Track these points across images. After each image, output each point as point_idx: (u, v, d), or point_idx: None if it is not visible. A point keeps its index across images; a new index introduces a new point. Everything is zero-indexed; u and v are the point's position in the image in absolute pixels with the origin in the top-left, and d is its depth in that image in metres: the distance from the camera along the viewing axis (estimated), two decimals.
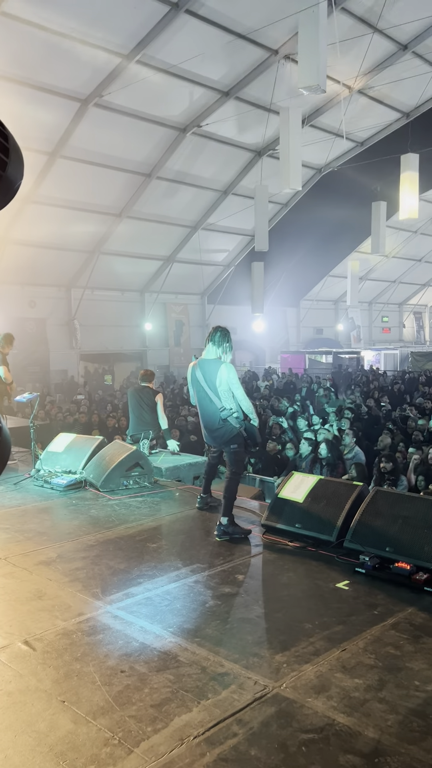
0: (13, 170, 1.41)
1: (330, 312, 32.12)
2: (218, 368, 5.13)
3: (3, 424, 1.46)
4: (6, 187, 1.41)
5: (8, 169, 1.39)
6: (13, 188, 1.44)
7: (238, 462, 5.34)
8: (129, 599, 4.00)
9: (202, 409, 5.34)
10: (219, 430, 5.22)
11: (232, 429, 5.16)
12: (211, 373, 5.18)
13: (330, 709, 2.86)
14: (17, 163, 1.42)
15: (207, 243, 22.15)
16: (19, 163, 1.44)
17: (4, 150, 1.37)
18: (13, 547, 5.02)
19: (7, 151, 1.38)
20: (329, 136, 19.35)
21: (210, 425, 5.29)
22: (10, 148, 1.39)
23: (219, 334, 5.27)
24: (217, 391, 5.14)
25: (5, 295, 17.95)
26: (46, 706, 2.93)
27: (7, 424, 8.78)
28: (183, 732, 2.72)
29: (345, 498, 4.96)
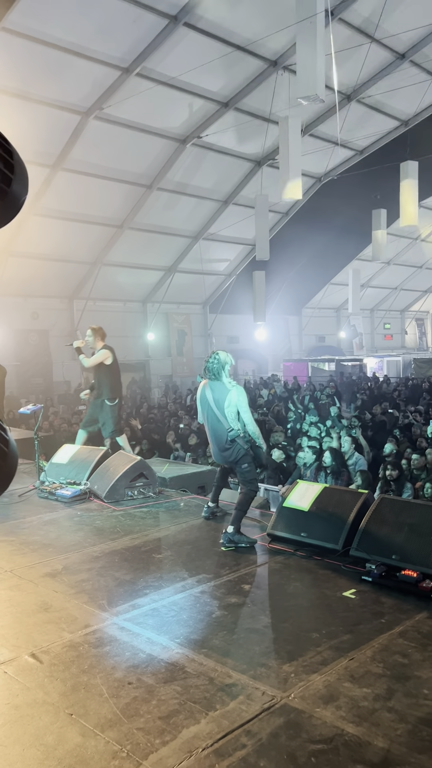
0: (18, 186, 1.43)
1: (332, 320, 32.15)
2: (229, 391, 5.31)
3: (10, 437, 1.47)
4: (11, 203, 1.43)
5: (13, 185, 1.41)
6: (18, 203, 1.46)
7: (250, 481, 5.41)
8: (135, 610, 4.00)
9: (211, 428, 5.47)
10: (228, 450, 5.35)
11: (240, 449, 5.30)
12: (221, 395, 5.34)
13: (339, 719, 2.85)
14: (22, 179, 1.44)
15: (208, 253, 22.23)
16: (24, 179, 1.46)
17: (9, 166, 1.39)
18: (19, 559, 5.01)
19: (12, 167, 1.40)
20: (329, 145, 19.45)
21: (219, 444, 5.42)
22: (15, 164, 1.41)
23: (214, 364, 5.43)
24: (224, 412, 5.28)
25: (8, 308, 18.01)
26: (54, 719, 2.92)
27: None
28: (191, 744, 2.71)
29: (350, 506, 4.95)
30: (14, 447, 1.48)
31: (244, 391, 5.40)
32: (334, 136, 18.85)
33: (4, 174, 1.37)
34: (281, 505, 5.31)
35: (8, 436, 1.47)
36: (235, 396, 5.30)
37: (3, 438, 1.43)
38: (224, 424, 5.29)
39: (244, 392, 5.38)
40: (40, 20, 11.85)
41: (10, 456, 1.44)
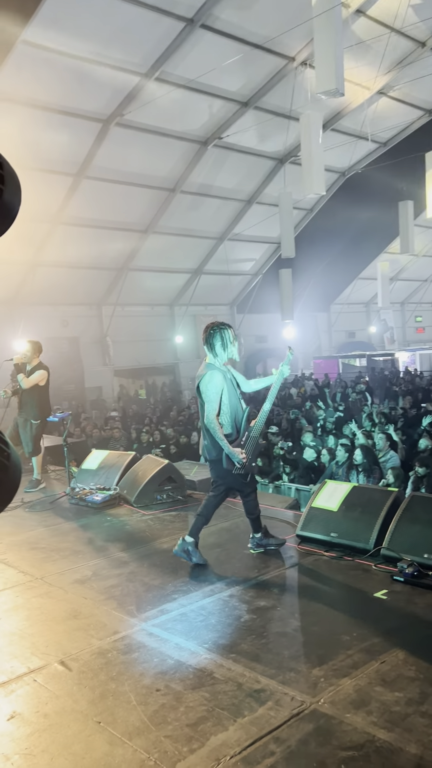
0: (9, 196, 1.41)
1: (362, 315, 31.77)
2: (203, 376, 4.73)
3: (12, 450, 1.45)
4: (4, 213, 1.42)
5: (5, 196, 1.39)
6: (11, 214, 1.45)
7: (242, 486, 4.86)
8: (164, 616, 3.98)
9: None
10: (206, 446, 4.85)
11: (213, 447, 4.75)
12: (198, 381, 4.81)
13: (370, 725, 2.78)
14: (13, 189, 1.43)
15: (234, 253, 22.17)
16: (16, 189, 1.45)
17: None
18: (49, 566, 5.05)
19: (2, 177, 1.39)
20: (351, 139, 19.23)
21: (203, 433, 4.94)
22: (5, 174, 1.40)
23: (206, 335, 4.83)
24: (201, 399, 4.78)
25: (39, 317, 18.23)
26: (82, 727, 2.92)
27: (43, 443, 8.77)
28: (219, 751, 2.68)
29: (380, 504, 4.86)
30: (16, 459, 1.47)
31: (218, 375, 4.68)
32: (357, 130, 18.66)
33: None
34: (310, 505, 5.24)
35: (10, 450, 1.45)
36: (206, 380, 4.66)
37: (3, 451, 1.42)
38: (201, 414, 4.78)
39: (217, 376, 4.66)
40: (58, 31, 11.96)
41: (12, 469, 1.43)
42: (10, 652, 3.67)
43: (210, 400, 4.63)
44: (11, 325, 17.59)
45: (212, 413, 4.63)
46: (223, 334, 4.76)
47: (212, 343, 4.75)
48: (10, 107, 12.78)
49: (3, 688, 3.29)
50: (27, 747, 2.80)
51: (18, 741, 2.85)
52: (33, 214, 14.97)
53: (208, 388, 4.63)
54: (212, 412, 4.63)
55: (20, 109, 13.02)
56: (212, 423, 4.63)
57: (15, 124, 12.89)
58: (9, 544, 5.71)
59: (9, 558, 5.33)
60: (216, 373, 4.68)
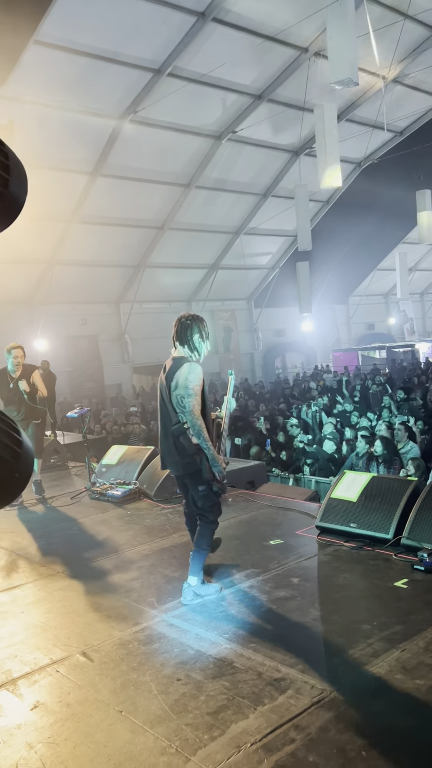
0: (15, 186, 1.42)
1: (381, 306, 31.53)
2: (179, 367, 4.01)
3: (24, 438, 1.47)
4: (10, 204, 1.43)
5: (10, 186, 1.41)
6: (17, 205, 1.46)
7: (210, 508, 4.12)
8: (184, 607, 4.00)
9: (160, 425, 4.18)
10: (174, 455, 4.03)
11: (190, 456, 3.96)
12: (170, 375, 4.04)
13: (390, 713, 2.77)
14: (19, 179, 1.44)
15: (250, 247, 22.13)
16: (22, 180, 1.46)
17: (5, 167, 1.39)
18: (71, 560, 5.10)
19: (8, 168, 1.40)
20: (367, 129, 19.07)
21: (164, 447, 4.12)
22: (11, 164, 1.41)
23: (180, 327, 4.08)
24: (173, 400, 4.00)
25: (58, 315, 18.40)
26: (104, 716, 2.95)
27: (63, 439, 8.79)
28: (240, 739, 2.69)
29: (400, 494, 4.83)
30: (28, 447, 1.49)
31: (198, 369, 3.98)
32: (372, 120, 18.48)
33: (0, 175, 1.37)
34: (329, 496, 5.23)
35: (21, 437, 1.47)
36: (184, 373, 3.93)
37: (15, 439, 1.44)
38: (171, 417, 4.00)
39: (198, 371, 3.96)
40: (69, 30, 12.02)
41: (23, 457, 1.45)
42: (33, 644, 3.72)
43: (193, 393, 3.88)
44: (30, 325, 17.78)
45: (197, 408, 3.88)
46: (200, 326, 4.08)
47: (189, 335, 4.04)
48: (24, 107, 12.88)
49: (26, 679, 3.34)
50: (50, 736, 2.84)
51: (41, 730, 2.89)
52: (50, 213, 15.10)
53: (190, 379, 3.89)
54: (197, 407, 3.88)
55: (34, 109, 13.12)
56: (198, 420, 3.86)
57: (30, 124, 12.98)
58: (30, 539, 5.77)
59: (30, 552, 5.40)
60: (196, 365, 3.99)
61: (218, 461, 3.96)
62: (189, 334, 4.04)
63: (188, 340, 4.04)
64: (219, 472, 3.96)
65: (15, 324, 17.03)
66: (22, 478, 1.47)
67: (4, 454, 1.42)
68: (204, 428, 3.88)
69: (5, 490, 1.44)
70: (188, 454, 3.93)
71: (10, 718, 3.01)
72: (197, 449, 3.91)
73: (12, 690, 3.25)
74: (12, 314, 17.08)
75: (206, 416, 4.00)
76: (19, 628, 3.96)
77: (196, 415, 3.87)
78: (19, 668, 3.46)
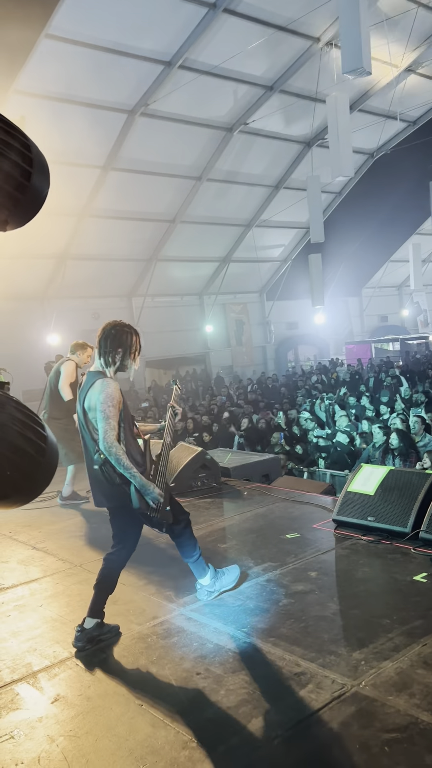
0: (38, 180, 1.41)
1: (394, 298, 31.32)
2: (92, 384, 3.52)
3: (48, 433, 1.46)
4: (33, 197, 1.42)
5: (33, 179, 1.39)
6: (40, 197, 1.45)
7: (173, 519, 3.66)
8: (201, 601, 4.00)
9: (83, 451, 3.72)
10: (103, 485, 3.58)
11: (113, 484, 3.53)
12: (82, 394, 3.58)
13: (413, 707, 2.76)
14: (42, 173, 1.43)
15: (262, 240, 22.03)
16: (45, 172, 1.45)
17: (27, 160, 1.37)
18: (88, 553, 5.12)
19: (30, 161, 1.39)
20: (379, 119, 18.88)
21: (91, 477, 3.66)
22: (34, 157, 1.39)
23: (102, 335, 3.65)
24: (88, 424, 3.55)
25: (70, 310, 18.41)
26: (125, 710, 2.96)
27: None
28: (261, 734, 2.68)
29: (418, 488, 4.80)
30: (53, 443, 1.48)
31: (113, 385, 3.48)
32: (385, 109, 18.30)
33: (23, 168, 1.36)
34: (346, 490, 5.20)
35: (46, 432, 1.46)
36: (97, 392, 3.45)
37: (40, 434, 1.43)
38: (89, 444, 3.56)
39: (113, 387, 3.47)
40: (80, 23, 11.97)
41: (48, 452, 1.44)
42: (52, 638, 3.74)
43: (107, 417, 3.39)
44: (43, 320, 17.82)
45: (112, 435, 3.38)
46: (127, 339, 3.62)
47: (109, 347, 3.58)
48: (35, 101, 12.85)
49: (47, 672, 3.35)
50: (71, 729, 2.85)
51: (63, 723, 2.90)
52: (62, 207, 15.09)
53: (101, 399, 3.41)
54: (112, 434, 3.38)
55: (46, 102, 13.10)
56: (114, 448, 3.36)
57: (41, 119, 12.96)
58: (48, 533, 5.80)
59: (48, 546, 5.42)
60: (111, 382, 3.50)
61: (150, 488, 3.45)
62: (109, 345, 3.56)
63: (106, 351, 3.56)
64: (153, 499, 3.47)
65: (28, 318, 17.10)
66: (47, 473, 1.46)
67: (29, 448, 1.41)
68: (123, 455, 3.37)
69: (32, 485, 1.43)
70: (115, 483, 3.49)
71: (32, 711, 3.03)
72: (123, 478, 3.45)
73: (32, 683, 3.27)
74: (25, 309, 17.13)
75: (128, 437, 3.52)
76: (39, 621, 3.97)
77: (109, 443, 3.36)
78: (39, 662, 3.47)
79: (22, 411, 1.41)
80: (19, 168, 1.35)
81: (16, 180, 1.35)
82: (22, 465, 1.37)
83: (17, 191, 1.37)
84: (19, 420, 1.39)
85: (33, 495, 1.44)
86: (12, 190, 1.35)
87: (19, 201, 1.37)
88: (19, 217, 1.40)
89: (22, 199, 1.38)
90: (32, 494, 1.43)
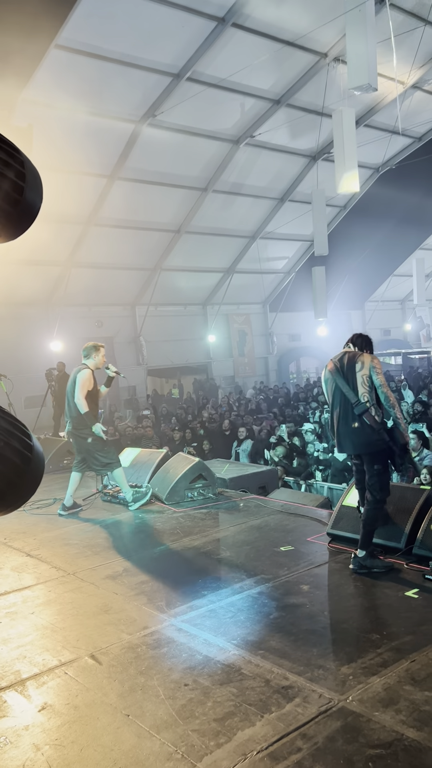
0: (30, 194, 1.44)
1: (397, 312, 31.35)
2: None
3: (35, 442, 1.48)
4: (25, 211, 1.45)
5: (25, 194, 1.42)
6: (32, 212, 1.48)
7: (380, 489, 4.50)
8: (193, 612, 4.00)
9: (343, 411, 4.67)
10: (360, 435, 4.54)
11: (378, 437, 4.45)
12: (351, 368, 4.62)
13: (399, 724, 2.76)
14: (35, 187, 1.45)
15: (266, 251, 22.11)
16: (37, 187, 1.48)
17: (20, 175, 1.40)
18: (81, 562, 5.12)
19: (23, 176, 1.42)
20: (385, 135, 19.00)
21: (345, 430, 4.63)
22: (27, 172, 1.42)
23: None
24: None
25: (74, 317, 18.48)
26: (111, 719, 2.96)
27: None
28: (246, 747, 2.68)
29: (412, 503, 4.80)
30: (39, 452, 1.50)
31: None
32: (391, 125, 18.41)
33: (16, 183, 1.39)
34: (341, 503, 5.21)
35: (33, 442, 1.49)
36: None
37: (26, 443, 1.45)
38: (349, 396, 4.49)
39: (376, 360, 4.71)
40: (90, 34, 12.10)
41: (34, 462, 1.46)
42: (42, 645, 3.74)
43: (379, 372, 4.69)
44: (47, 327, 17.88)
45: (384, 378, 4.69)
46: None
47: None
48: (44, 111, 12.97)
49: (35, 680, 3.36)
50: (57, 738, 2.85)
51: (49, 732, 2.90)
52: (67, 216, 15.19)
53: (375, 366, 4.73)
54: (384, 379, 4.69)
55: (54, 112, 13.21)
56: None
57: (49, 128, 13.08)
58: (42, 540, 5.81)
59: (42, 553, 5.42)
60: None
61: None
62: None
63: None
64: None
65: (31, 325, 17.16)
66: (31, 483, 1.48)
67: (15, 458, 1.43)
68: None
69: (15, 494, 1.45)
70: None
71: (18, 718, 3.03)
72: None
73: (20, 691, 3.27)
74: (29, 315, 17.19)
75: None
76: (29, 628, 3.98)
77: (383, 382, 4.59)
78: (28, 669, 3.48)
79: (7, 420, 1.43)
80: (12, 183, 1.38)
81: (9, 195, 1.38)
82: (7, 474, 1.39)
83: (10, 206, 1.39)
84: (5, 429, 1.41)
85: (17, 504, 1.46)
86: (4, 204, 1.38)
87: (11, 215, 1.40)
88: (11, 232, 1.43)
89: (14, 213, 1.41)
90: (16, 503, 1.45)
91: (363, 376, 4.48)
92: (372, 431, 4.36)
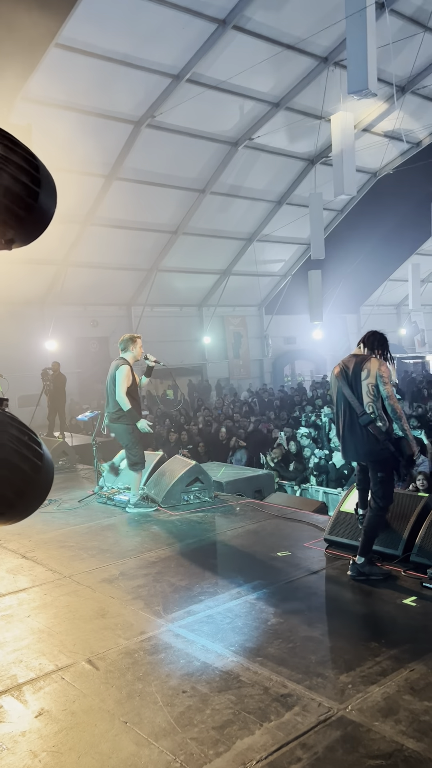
0: (45, 199, 1.42)
1: (392, 317, 31.42)
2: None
3: (45, 450, 1.47)
4: (39, 216, 1.43)
5: (40, 199, 1.40)
6: (46, 217, 1.46)
7: (383, 497, 4.45)
8: (190, 617, 3.98)
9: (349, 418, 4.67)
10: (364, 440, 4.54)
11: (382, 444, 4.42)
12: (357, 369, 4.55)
13: (398, 734, 2.74)
14: (49, 192, 1.44)
15: (263, 254, 22.13)
16: (52, 192, 1.46)
17: (35, 180, 1.39)
18: (78, 565, 5.09)
19: (38, 181, 1.40)
20: (383, 140, 19.06)
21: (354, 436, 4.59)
22: (41, 177, 1.41)
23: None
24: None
25: (69, 317, 18.44)
26: (109, 726, 2.93)
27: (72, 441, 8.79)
28: (245, 756, 2.66)
29: (410, 510, 4.79)
30: (49, 460, 1.48)
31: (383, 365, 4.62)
32: (389, 130, 18.47)
33: (30, 188, 1.37)
34: (338, 509, 5.20)
35: (43, 450, 1.47)
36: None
37: (36, 452, 1.43)
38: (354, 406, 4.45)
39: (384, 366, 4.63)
40: (91, 34, 12.08)
41: (44, 470, 1.44)
42: (38, 650, 3.71)
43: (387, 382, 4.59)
44: (42, 326, 17.83)
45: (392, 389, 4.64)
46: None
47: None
48: (43, 109, 12.94)
49: (31, 685, 3.33)
50: (54, 744, 2.82)
51: (46, 738, 2.87)
52: (64, 215, 15.14)
53: (382, 373, 4.57)
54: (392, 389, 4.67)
55: (53, 111, 13.18)
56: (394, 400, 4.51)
57: (48, 126, 13.04)
58: (38, 542, 5.77)
59: (38, 555, 5.39)
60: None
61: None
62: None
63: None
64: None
65: (27, 324, 17.10)
66: (41, 492, 1.46)
67: (25, 466, 1.41)
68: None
69: (25, 503, 1.43)
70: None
71: (15, 724, 3.00)
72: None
73: (17, 696, 3.24)
74: (24, 314, 17.13)
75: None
76: (25, 632, 3.95)
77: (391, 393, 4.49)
78: (24, 674, 3.45)
79: (19, 429, 1.41)
80: (27, 188, 1.36)
81: (24, 200, 1.36)
82: (18, 483, 1.37)
83: (24, 211, 1.38)
84: (17, 438, 1.39)
85: (27, 512, 1.44)
86: (19, 210, 1.36)
87: (25, 220, 1.39)
88: (25, 237, 1.41)
89: (28, 218, 1.39)
90: (27, 511, 1.43)
91: (369, 385, 4.41)
92: (377, 441, 4.32)
